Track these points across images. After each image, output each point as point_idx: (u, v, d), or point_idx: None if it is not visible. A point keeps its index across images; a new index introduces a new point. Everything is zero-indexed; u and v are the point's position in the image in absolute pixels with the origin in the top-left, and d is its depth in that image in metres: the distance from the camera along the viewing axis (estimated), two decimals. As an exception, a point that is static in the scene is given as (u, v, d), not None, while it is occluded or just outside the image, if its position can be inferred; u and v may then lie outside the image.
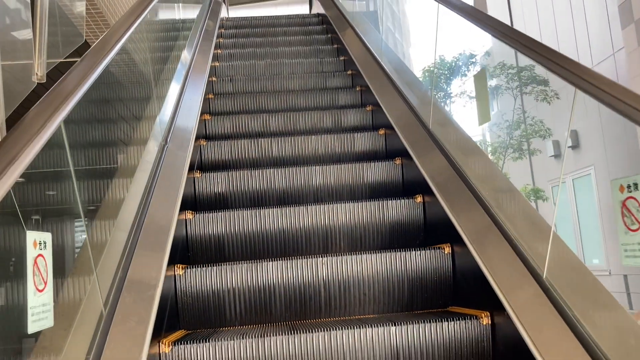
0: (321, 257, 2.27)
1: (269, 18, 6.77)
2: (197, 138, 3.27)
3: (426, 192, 2.63)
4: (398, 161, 3.04)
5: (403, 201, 2.67)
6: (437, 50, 3.06)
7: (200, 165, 3.30)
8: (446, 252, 2.29)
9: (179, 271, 2.20)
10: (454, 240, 2.27)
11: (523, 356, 1.65)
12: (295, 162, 3.31)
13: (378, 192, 3.02)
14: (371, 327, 1.89)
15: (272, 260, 2.26)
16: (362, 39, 4.63)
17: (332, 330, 1.89)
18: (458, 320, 1.92)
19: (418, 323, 1.91)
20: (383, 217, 2.65)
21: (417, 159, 2.77)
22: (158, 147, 2.62)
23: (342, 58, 4.86)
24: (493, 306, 1.89)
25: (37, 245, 1.28)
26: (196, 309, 2.21)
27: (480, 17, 2.46)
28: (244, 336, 1.87)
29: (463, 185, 2.41)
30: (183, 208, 2.53)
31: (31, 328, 1.22)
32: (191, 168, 2.92)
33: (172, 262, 2.18)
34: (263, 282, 2.24)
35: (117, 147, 2.45)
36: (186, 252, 2.57)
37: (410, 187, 2.92)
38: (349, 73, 4.47)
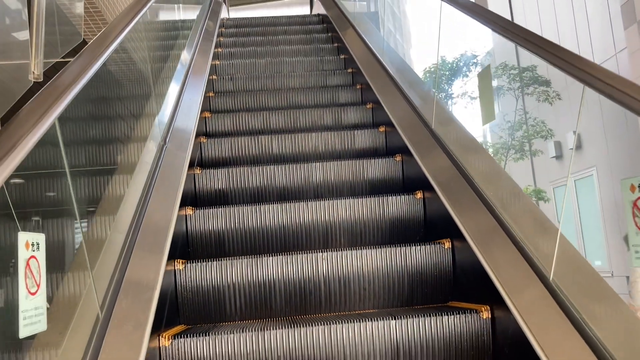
0: (321, 252, 2.26)
1: (270, 18, 6.78)
2: (198, 135, 3.27)
3: (426, 189, 2.63)
4: (398, 158, 3.04)
5: (403, 197, 2.66)
6: (440, 48, 3.04)
7: (200, 162, 3.30)
8: (446, 247, 2.29)
9: (179, 266, 2.20)
10: (454, 236, 2.27)
11: (523, 350, 1.65)
12: (295, 160, 3.31)
13: (378, 189, 3.02)
14: (371, 321, 1.89)
15: (272, 255, 2.26)
16: (363, 37, 4.63)
17: (332, 324, 1.88)
18: (458, 314, 1.91)
19: (418, 317, 1.90)
20: (383, 213, 2.65)
21: (417, 155, 2.77)
22: (157, 147, 2.58)
23: (343, 56, 4.86)
24: (493, 300, 1.89)
25: (30, 246, 1.23)
26: (196, 304, 2.21)
27: (486, 15, 2.43)
28: (244, 330, 1.87)
29: (464, 182, 2.40)
30: (183, 204, 2.53)
31: (23, 332, 1.17)
32: (191, 165, 2.92)
33: (172, 258, 2.18)
34: (263, 277, 2.23)
35: (115, 147, 2.40)
36: (186, 248, 2.57)
37: (410, 184, 2.92)
38: (350, 71, 4.48)
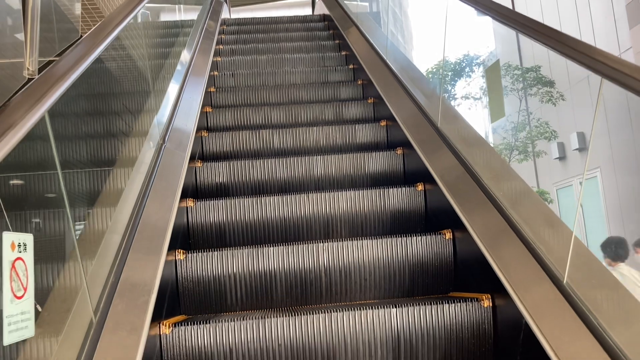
0: (322, 243, 2.26)
1: (272, 17, 6.79)
2: (199, 129, 3.28)
3: (427, 181, 2.63)
4: (399, 151, 3.04)
5: (404, 189, 2.66)
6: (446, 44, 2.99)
7: (201, 156, 3.30)
8: (447, 238, 2.28)
9: (180, 256, 2.20)
10: (456, 227, 2.27)
11: (525, 339, 1.65)
12: (296, 154, 3.31)
13: (379, 183, 3.02)
14: (371, 309, 1.89)
15: (273, 245, 2.26)
16: (364, 34, 4.64)
17: (332, 312, 1.88)
18: (459, 302, 1.91)
19: (418, 305, 1.90)
20: (384, 205, 2.65)
21: (419, 149, 2.77)
22: (156, 144, 2.51)
23: (344, 53, 4.87)
24: (494, 291, 1.89)
25: (16, 247, 1.16)
26: (197, 294, 2.21)
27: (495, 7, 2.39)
28: (245, 318, 1.87)
29: (466, 173, 2.40)
30: (184, 198, 2.53)
31: (7, 339, 1.10)
32: (192, 158, 2.92)
33: (173, 249, 2.18)
34: (264, 268, 2.23)
35: (112, 144, 2.31)
36: (187, 240, 2.57)
37: (411, 177, 2.92)
38: (351, 67, 4.48)
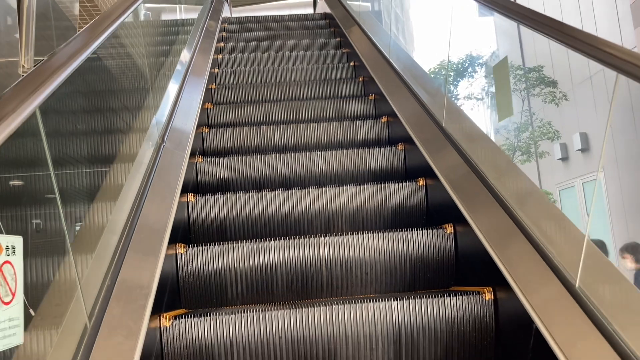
0: (323, 237, 2.26)
1: (273, 16, 6.79)
2: (200, 126, 3.27)
3: (429, 176, 2.62)
4: (400, 147, 3.03)
5: (405, 184, 2.66)
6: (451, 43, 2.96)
7: (202, 151, 3.29)
8: (448, 232, 2.28)
9: (181, 250, 2.20)
10: (457, 222, 2.26)
11: (527, 332, 1.64)
12: (297, 150, 3.31)
13: (380, 179, 3.01)
14: (372, 302, 1.88)
15: (274, 239, 2.25)
16: (366, 31, 4.63)
17: (333, 305, 1.88)
18: (460, 295, 1.90)
19: (420, 298, 1.90)
20: (385, 201, 2.64)
21: (421, 145, 2.76)
22: (155, 144, 2.46)
23: (345, 50, 4.86)
24: (496, 283, 1.88)
25: (4, 250, 1.10)
26: (197, 288, 2.20)
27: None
28: (245, 310, 1.86)
29: (469, 171, 2.39)
30: (184, 193, 2.52)
31: None
32: (193, 154, 2.92)
33: (173, 244, 2.17)
34: (265, 262, 2.23)
35: (109, 144, 2.25)
36: (187, 236, 2.57)
37: (412, 173, 2.91)
38: (352, 64, 4.48)
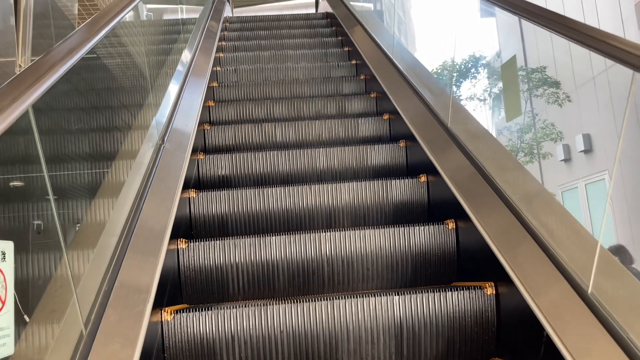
0: (324, 233, 2.26)
1: (274, 15, 6.80)
2: (201, 123, 3.27)
3: (430, 172, 2.62)
4: (402, 144, 3.03)
5: (407, 181, 2.66)
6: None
7: (204, 149, 3.30)
8: (450, 228, 2.28)
9: (182, 245, 2.20)
10: (459, 218, 2.26)
11: (529, 327, 1.64)
12: (299, 148, 3.30)
13: (382, 176, 3.01)
14: (374, 297, 1.88)
15: (276, 234, 2.25)
16: (368, 30, 4.63)
17: (335, 299, 1.88)
18: (462, 290, 1.90)
19: (421, 293, 1.89)
20: (387, 197, 2.64)
21: (422, 141, 2.76)
22: (155, 144, 2.41)
23: (347, 49, 4.87)
24: (498, 278, 1.88)
25: None
26: (199, 283, 2.20)
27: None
28: (247, 305, 1.86)
29: (469, 164, 2.39)
30: (185, 189, 2.52)
31: None
32: (194, 151, 2.92)
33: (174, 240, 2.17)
34: (266, 257, 2.23)
35: (107, 145, 2.21)
36: (189, 232, 2.57)
37: (414, 170, 2.91)
38: (353, 63, 4.48)
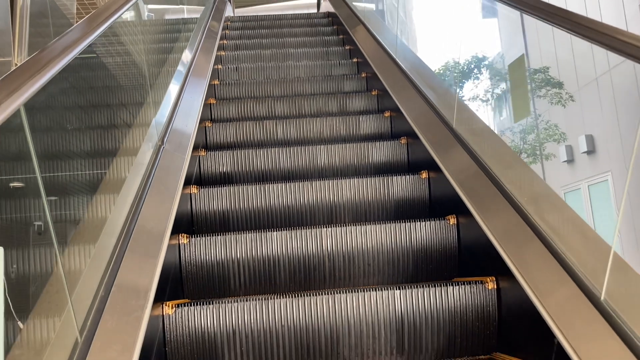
0: (326, 228, 2.26)
1: (276, 14, 6.81)
2: (202, 121, 3.28)
3: (431, 169, 2.62)
4: (403, 141, 3.03)
5: (408, 177, 2.66)
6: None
7: (205, 146, 3.30)
8: (451, 223, 2.28)
9: (184, 240, 2.20)
10: (460, 213, 2.26)
11: (530, 321, 1.64)
12: (300, 145, 3.31)
13: (383, 173, 3.01)
14: (375, 291, 1.88)
15: (277, 230, 2.26)
16: (371, 31, 4.64)
17: (336, 294, 1.88)
18: (463, 284, 1.90)
19: (423, 287, 1.89)
20: (388, 193, 2.64)
21: (423, 137, 2.76)
22: (154, 145, 2.36)
23: (348, 47, 4.87)
24: (499, 273, 1.88)
25: None
26: (200, 279, 2.20)
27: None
28: (247, 299, 1.86)
29: (470, 159, 2.39)
30: (187, 185, 2.52)
31: None
32: (196, 148, 2.93)
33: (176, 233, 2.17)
34: (267, 253, 2.23)
35: (105, 145, 2.15)
36: (191, 227, 2.57)
37: (415, 167, 2.91)
38: (354, 61, 4.48)
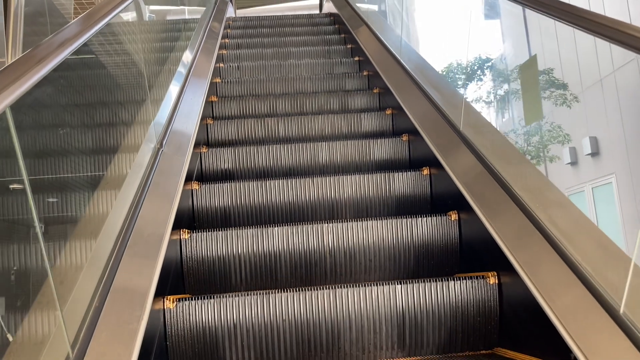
0: (327, 224, 2.26)
1: (278, 15, 6.81)
2: (203, 118, 3.28)
3: (433, 165, 2.62)
4: (405, 137, 3.03)
5: (409, 173, 2.65)
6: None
7: (206, 143, 3.30)
8: (453, 219, 2.27)
9: (185, 235, 2.20)
10: (462, 209, 2.25)
11: (531, 316, 1.63)
12: (301, 142, 3.30)
13: (385, 170, 3.01)
14: (376, 286, 1.88)
15: (278, 226, 2.25)
16: (375, 31, 4.64)
17: (337, 288, 1.87)
18: (465, 279, 1.90)
19: (424, 282, 1.89)
20: (389, 190, 2.64)
21: (425, 135, 2.76)
22: (152, 148, 2.32)
23: (350, 46, 4.87)
24: (500, 269, 1.87)
25: None
26: (201, 274, 2.20)
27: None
28: (249, 293, 1.86)
29: (472, 156, 2.38)
30: (188, 181, 2.52)
31: None
32: (197, 145, 2.93)
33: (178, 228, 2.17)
34: (268, 248, 2.23)
35: (102, 146, 2.08)
36: (192, 222, 2.57)
37: (417, 165, 2.91)
38: (356, 59, 4.48)
